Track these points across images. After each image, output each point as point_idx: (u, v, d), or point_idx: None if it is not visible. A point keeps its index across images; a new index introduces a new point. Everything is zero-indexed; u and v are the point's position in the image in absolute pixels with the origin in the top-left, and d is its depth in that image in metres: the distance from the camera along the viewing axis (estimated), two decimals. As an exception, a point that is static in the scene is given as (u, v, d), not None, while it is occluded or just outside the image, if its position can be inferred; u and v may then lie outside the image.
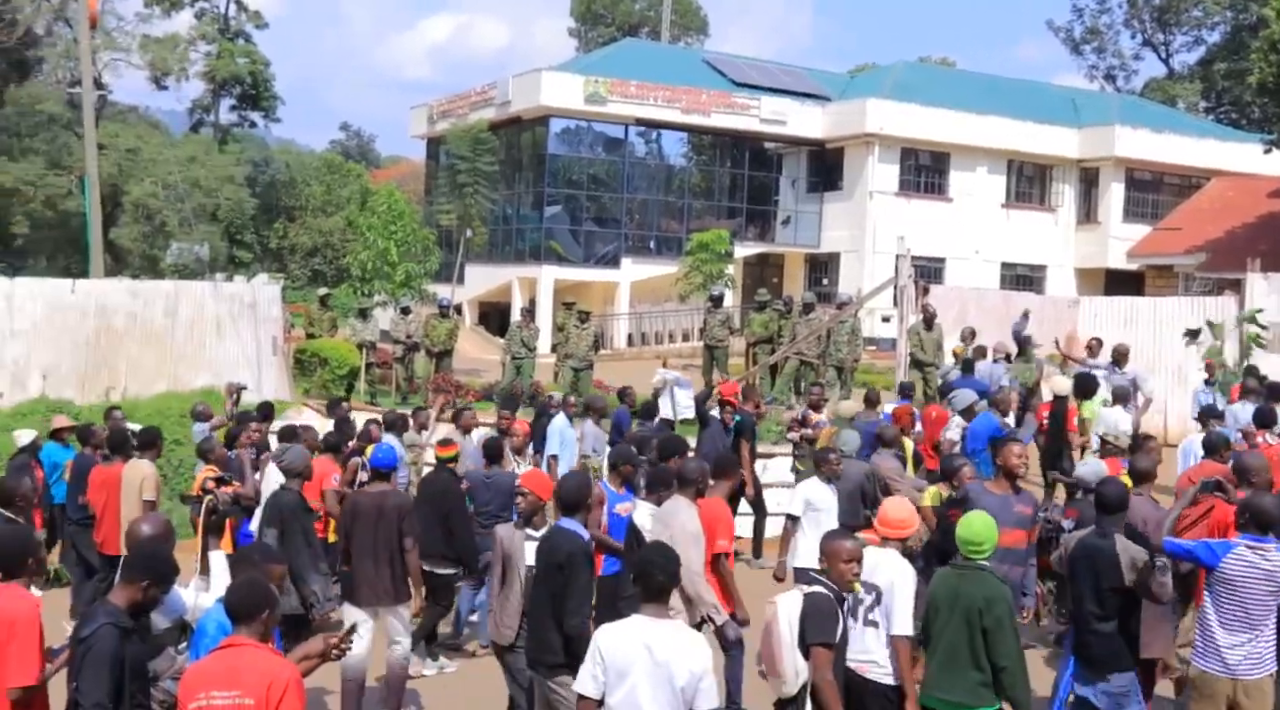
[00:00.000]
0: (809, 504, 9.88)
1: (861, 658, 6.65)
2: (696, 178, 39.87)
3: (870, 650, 6.69)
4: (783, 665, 6.08)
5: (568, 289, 32.05)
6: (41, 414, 17.29)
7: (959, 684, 6.40)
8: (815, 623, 6.01)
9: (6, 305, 18.00)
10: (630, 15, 64.89)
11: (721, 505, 8.53)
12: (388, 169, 62.89)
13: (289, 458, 9.09)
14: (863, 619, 6.74)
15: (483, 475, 11.07)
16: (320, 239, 43.18)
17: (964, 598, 6.39)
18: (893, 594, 6.66)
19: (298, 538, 8.71)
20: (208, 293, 19.66)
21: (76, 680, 5.02)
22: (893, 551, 6.88)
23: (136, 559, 5.57)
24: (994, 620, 6.30)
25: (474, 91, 37.26)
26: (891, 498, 8.01)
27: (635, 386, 16.61)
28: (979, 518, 6.73)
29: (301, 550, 8.67)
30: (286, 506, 8.83)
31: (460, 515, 10.13)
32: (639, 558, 5.73)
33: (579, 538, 7.13)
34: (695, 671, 5.22)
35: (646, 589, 5.41)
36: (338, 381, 20.42)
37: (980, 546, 6.52)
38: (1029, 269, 37.72)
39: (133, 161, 39.25)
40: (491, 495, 10.87)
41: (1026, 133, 36.97)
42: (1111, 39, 61.63)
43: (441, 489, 10.12)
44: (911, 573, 6.84)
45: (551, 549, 7.08)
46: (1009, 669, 6.30)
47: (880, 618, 6.70)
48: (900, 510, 7.08)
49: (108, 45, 40.56)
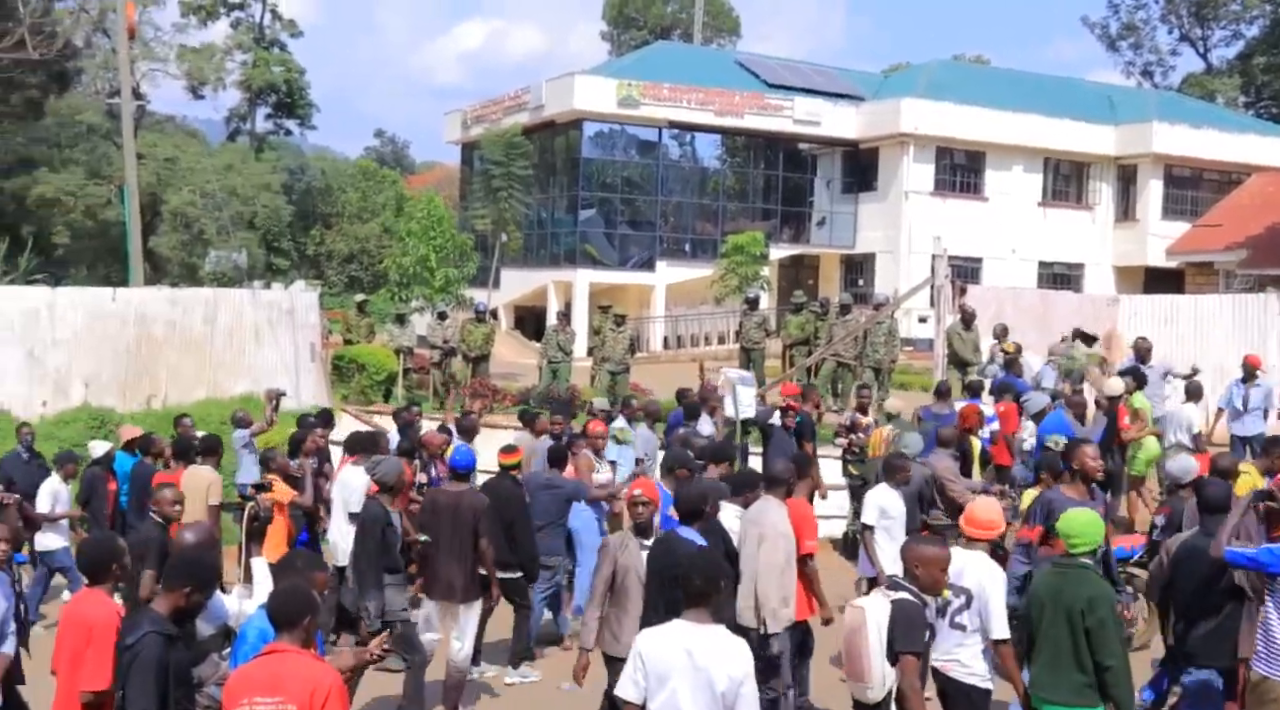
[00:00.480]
0: (883, 512, 9.69)
1: (945, 657, 6.69)
2: (730, 180, 39.80)
3: (954, 651, 6.73)
4: (871, 671, 6.08)
5: (603, 292, 32.06)
6: (84, 422, 17.49)
7: (1062, 685, 6.35)
8: (905, 631, 6.02)
9: (49, 314, 18.20)
10: (662, 18, 64.91)
11: (806, 506, 8.62)
12: (422, 175, 63.18)
13: (382, 469, 8.90)
14: (950, 620, 6.75)
15: (544, 480, 11.03)
16: (356, 245, 43.42)
17: (1066, 597, 6.33)
18: (985, 598, 6.68)
19: (370, 552, 8.59)
20: (246, 300, 19.81)
21: (123, 688, 5.05)
22: (980, 553, 6.88)
23: (178, 566, 5.61)
24: (1097, 620, 6.23)
25: (507, 96, 37.36)
26: (980, 498, 8.00)
27: (672, 390, 16.58)
28: (1082, 513, 6.70)
29: (371, 565, 8.56)
30: (370, 518, 8.74)
31: (524, 523, 10.08)
32: (680, 563, 5.72)
33: (695, 546, 7.07)
34: (735, 677, 5.20)
35: (687, 594, 5.40)
36: (375, 387, 20.53)
37: (1078, 541, 6.46)
38: (1066, 267, 37.42)
39: (171, 170, 39.60)
40: (550, 500, 10.78)
41: (1063, 130, 36.68)
42: (1148, 34, 61.11)
43: (505, 496, 10.00)
44: (1001, 574, 6.87)
45: (670, 558, 6.97)
46: (1113, 669, 6.23)
47: (968, 620, 6.72)
48: (988, 511, 7.10)
49: (145, 56, 40.99)
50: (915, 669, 5.99)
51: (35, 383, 18.03)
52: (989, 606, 6.66)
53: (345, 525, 10.26)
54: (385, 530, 8.58)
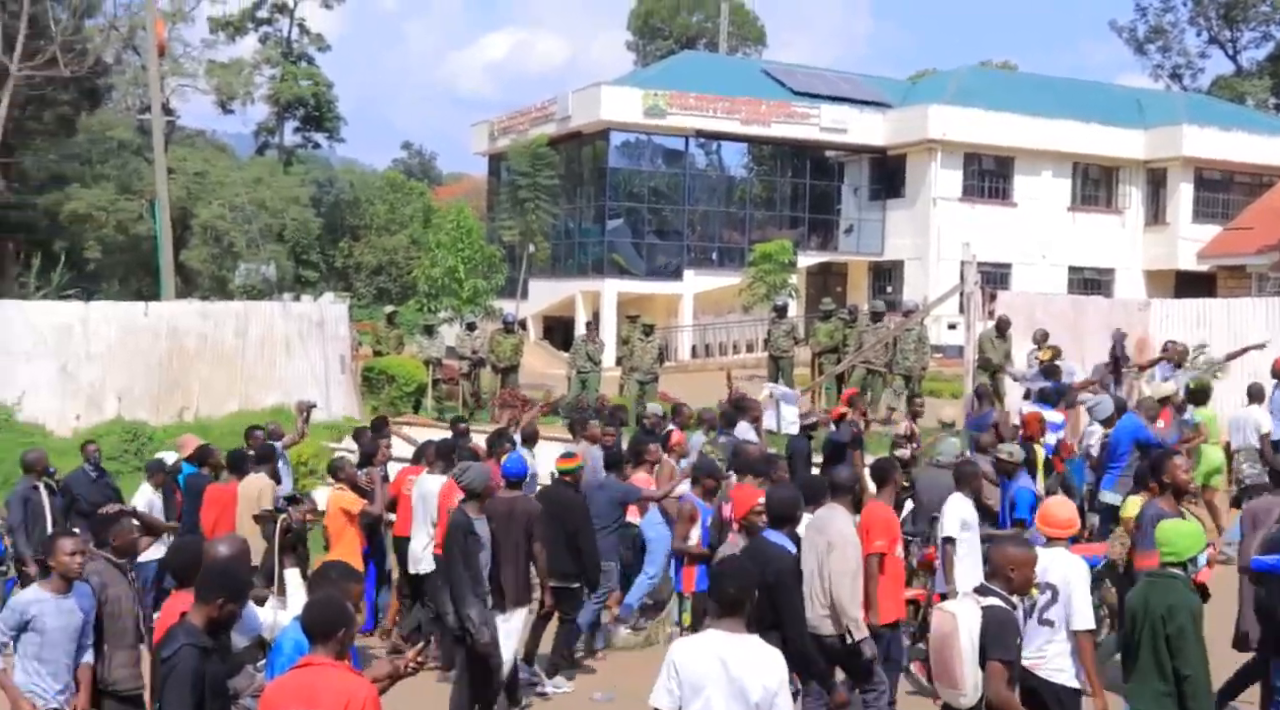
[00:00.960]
0: (965, 524, 9.40)
1: (1034, 655, 6.70)
2: (758, 188, 39.77)
3: (1044, 648, 6.75)
4: (963, 678, 6.07)
5: (631, 302, 32.07)
6: (117, 436, 17.61)
7: (1144, 693, 6.31)
8: (998, 638, 6.02)
9: (82, 329, 18.35)
10: (688, 27, 64.94)
11: (884, 508, 8.48)
12: (449, 186, 63.38)
13: (469, 477, 8.86)
14: (1038, 617, 6.80)
15: (598, 481, 11.01)
16: (384, 257, 43.61)
17: (1151, 606, 6.30)
18: (1069, 590, 6.76)
19: (458, 561, 8.59)
20: (276, 312, 19.91)
21: (159, 701, 5.07)
22: (1061, 549, 6.95)
23: (210, 578, 5.62)
24: (1176, 628, 6.16)
25: (534, 107, 37.46)
26: (1054, 498, 8.03)
27: (701, 398, 16.57)
28: (1181, 524, 6.73)
29: (461, 574, 8.55)
30: (454, 526, 8.73)
31: (588, 531, 10.03)
32: (715, 572, 5.70)
33: (788, 552, 7.08)
34: (770, 687, 5.19)
35: (721, 603, 5.38)
36: (405, 398, 20.59)
37: (1168, 550, 6.42)
38: (1097, 272, 37.18)
39: (201, 185, 39.89)
40: (605, 502, 10.76)
41: (1091, 135, 36.47)
42: (1176, 37, 60.67)
43: (566, 504, 9.94)
44: (1084, 568, 6.93)
45: (759, 562, 6.94)
46: (1191, 678, 6.16)
47: (1055, 616, 6.76)
48: (1064, 510, 7.17)
49: (175, 72, 41.32)
50: (1004, 676, 6.02)
51: (69, 397, 18.18)
52: (1073, 599, 6.74)
53: (426, 536, 10.40)
54: (467, 538, 8.60)
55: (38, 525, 11.64)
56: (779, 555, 7.01)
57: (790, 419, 15.12)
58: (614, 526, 10.82)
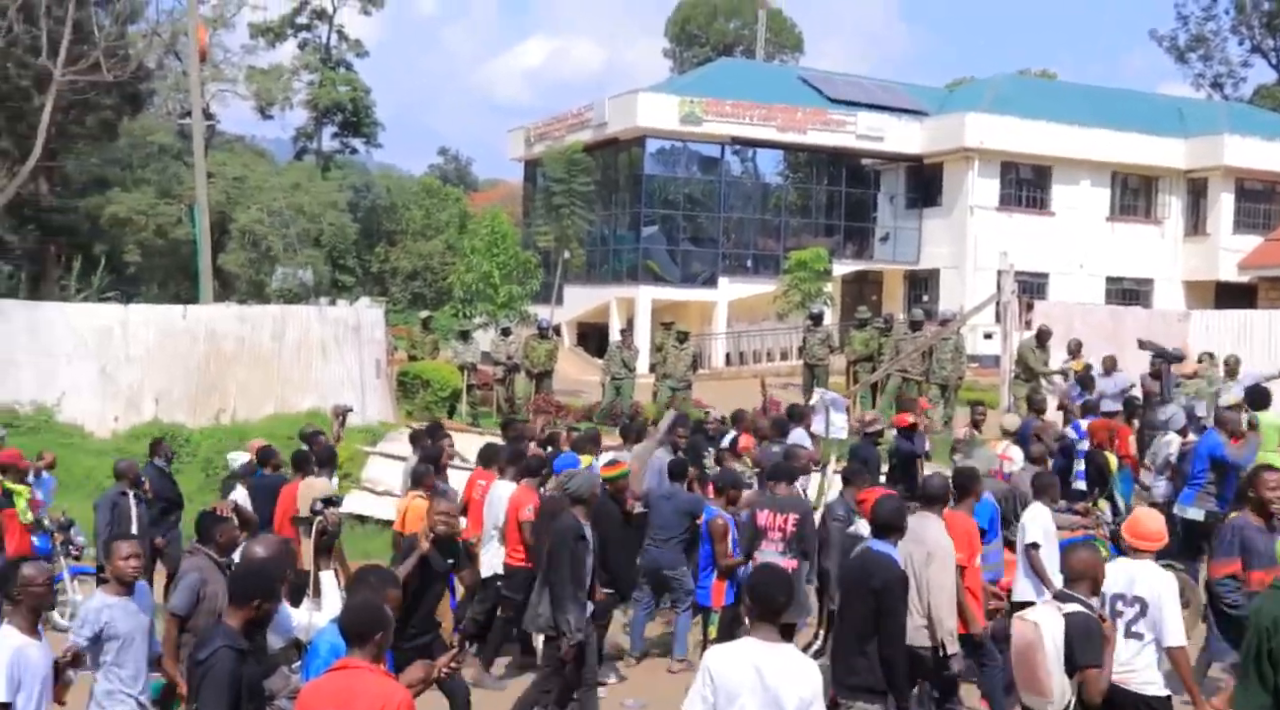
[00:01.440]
0: (1048, 533, 9.23)
1: (1123, 669, 6.63)
2: (793, 196, 39.68)
3: (1131, 661, 6.68)
4: (1051, 686, 6.10)
5: (665, 309, 32.06)
6: (155, 437, 17.73)
7: (1247, 703, 6.23)
8: (1084, 644, 6.06)
9: (121, 332, 18.53)
10: (725, 35, 64.94)
11: (965, 519, 8.44)
12: (485, 192, 63.59)
13: (576, 483, 8.90)
14: (1126, 630, 6.72)
15: (666, 490, 11.00)
16: (420, 262, 43.78)
17: (1262, 617, 6.20)
18: (1160, 606, 6.68)
19: (564, 565, 8.58)
20: (313, 316, 20.02)
21: (196, 702, 5.10)
22: (1149, 562, 6.88)
23: (244, 580, 5.64)
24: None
25: (570, 113, 37.54)
26: (1143, 509, 7.98)
27: (734, 406, 16.48)
28: None
29: (565, 577, 8.54)
30: (565, 530, 8.71)
31: (616, 540, 10.01)
32: (753, 580, 5.68)
33: (896, 562, 7.03)
34: (805, 697, 5.19)
35: (759, 610, 5.36)
36: (440, 403, 20.65)
37: None
38: (1135, 283, 36.89)
39: (239, 189, 40.16)
40: (671, 512, 10.72)
41: (1131, 144, 36.21)
42: (1218, 46, 60.15)
43: (601, 512, 9.76)
44: (1174, 582, 6.86)
45: (867, 572, 6.95)
46: None
47: (1144, 630, 6.70)
48: (1153, 522, 7.09)
49: (215, 77, 41.64)
50: (1100, 681, 6.04)
51: (108, 399, 18.36)
52: (1163, 614, 6.67)
53: (495, 541, 10.48)
54: (577, 544, 8.55)
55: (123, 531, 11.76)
56: (888, 565, 6.93)
57: (839, 424, 15.07)
58: (681, 536, 10.63)
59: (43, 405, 18.12)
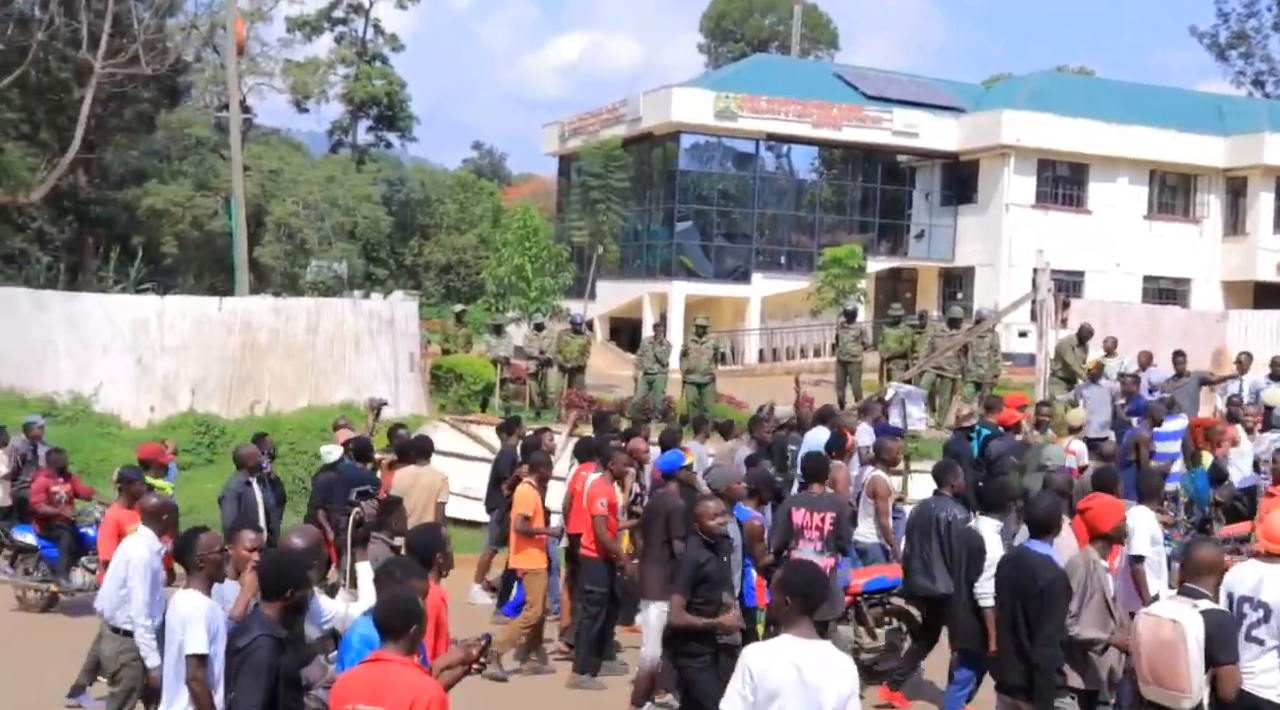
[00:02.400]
0: (1154, 540, 8.79)
1: (1241, 672, 6.55)
2: (827, 192, 39.56)
3: (1250, 664, 6.60)
4: (1191, 683, 6.15)
5: (698, 304, 32.04)
6: (190, 428, 17.89)
7: None
8: (1222, 642, 6.12)
9: (158, 322, 18.66)
10: (760, 30, 64.77)
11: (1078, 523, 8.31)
12: (519, 186, 63.72)
13: (714, 476, 8.91)
14: (1246, 634, 6.63)
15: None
16: (454, 256, 43.92)
17: None
18: None
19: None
20: (347, 309, 20.09)
21: (234, 689, 5.13)
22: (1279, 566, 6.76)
23: (272, 570, 5.65)
24: None
25: (605, 108, 37.54)
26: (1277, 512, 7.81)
27: (762, 401, 16.41)
28: None
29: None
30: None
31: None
32: (788, 576, 5.64)
33: (1056, 563, 6.96)
34: (844, 694, 5.17)
35: (796, 606, 5.32)
36: (473, 397, 20.68)
37: None
38: (1173, 282, 36.56)
39: (275, 182, 40.41)
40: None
41: (1169, 142, 35.86)
42: (1259, 43, 59.43)
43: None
44: None
45: (1028, 572, 6.90)
46: None
47: (1266, 635, 6.60)
48: None
49: (252, 70, 41.90)
50: (1235, 677, 6.10)
51: (144, 389, 18.50)
52: None
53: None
54: (719, 542, 8.34)
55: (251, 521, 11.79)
56: (1049, 565, 6.86)
57: (916, 417, 15.05)
58: None
59: (80, 395, 18.28)
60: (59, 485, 13.33)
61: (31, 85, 34.66)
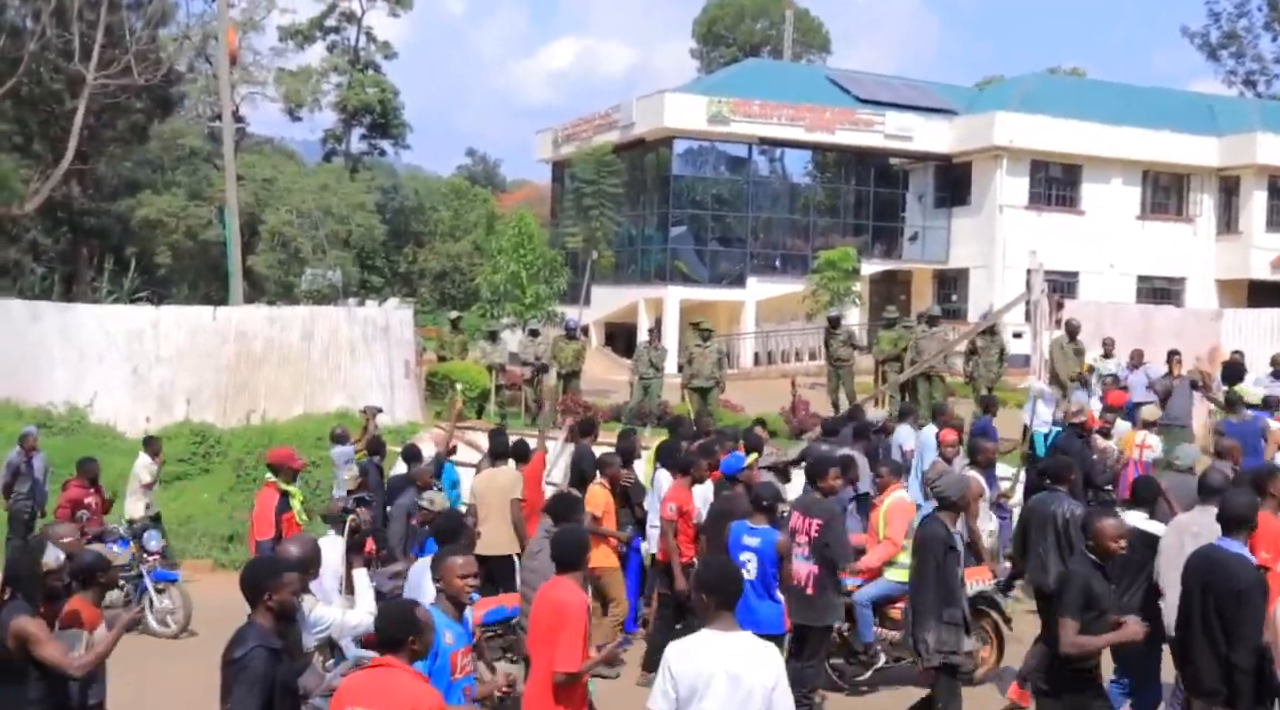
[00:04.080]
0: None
1: None
2: (821, 195, 39.57)
3: None
4: None
5: (693, 309, 32.04)
6: (186, 437, 17.87)
7: None
8: None
9: (153, 332, 18.65)
10: (752, 35, 64.84)
11: (1272, 519, 7.90)
12: (513, 193, 63.74)
13: (943, 484, 8.33)
14: None
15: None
16: (448, 263, 43.94)
17: None
18: None
19: (930, 575, 7.99)
20: (342, 317, 20.08)
21: (229, 700, 5.12)
22: None
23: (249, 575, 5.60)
24: None
25: (598, 114, 37.56)
26: None
27: (763, 407, 16.47)
28: None
29: (929, 588, 7.95)
30: (931, 538, 8.05)
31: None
32: (703, 572, 5.67)
33: (1252, 564, 6.76)
34: (767, 685, 5.17)
35: (713, 601, 5.33)
36: (468, 404, 20.67)
37: None
38: (1166, 282, 36.63)
39: (269, 191, 40.40)
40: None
41: (1162, 142, 35.95)
42: (1250, 43, 59.65)
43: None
44: None
45: (1223, 573, 6.66)
46: None
47: None
48: None
49: (245, 80, 41.93)
50: None
51: (139, 399, 18.50)
52: None
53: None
54: (947, 555, 7.94)
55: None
56: (1247, 566, 6.67)
57: (1044, 418, 15.06)
58: None
59: (75, 405, 18.27)
60: (91, 496, 13.13)
61: (24, 96, 34.67)
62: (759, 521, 8.79)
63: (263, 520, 10.68)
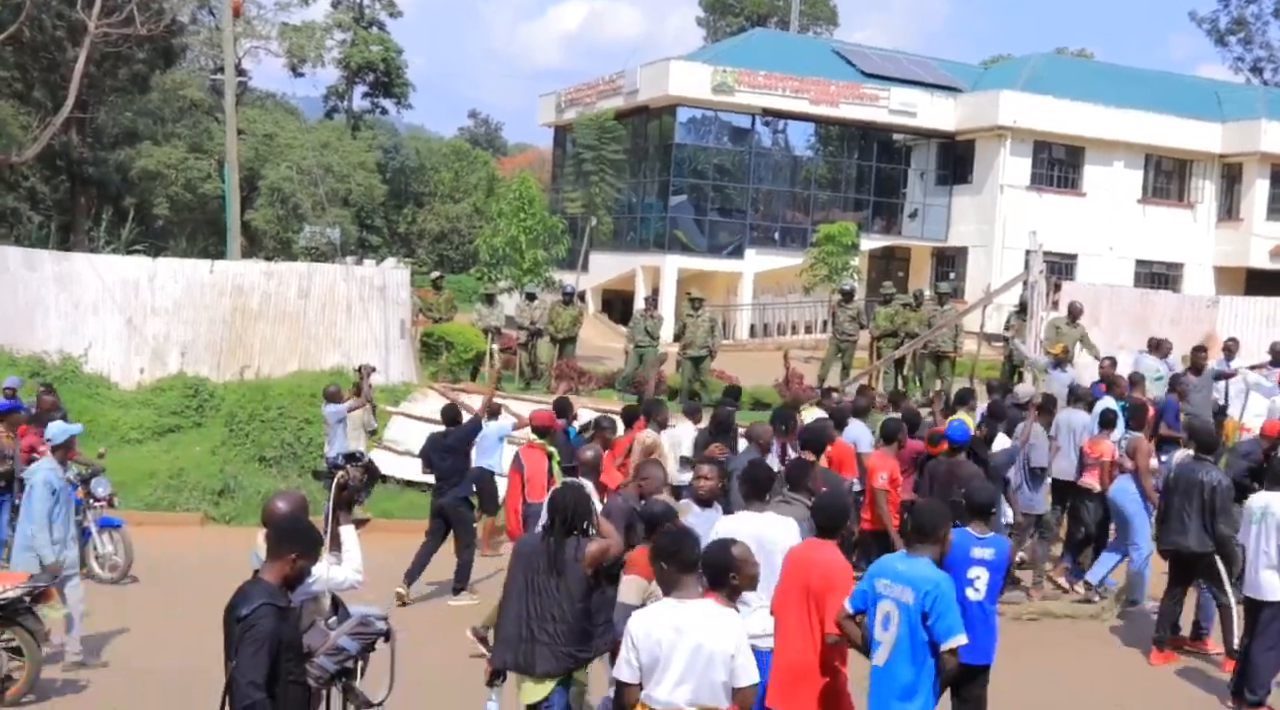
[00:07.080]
0: None
1: None
2: (823, 169, 39.47)
3: None
4: None
5: (691, 279, 32.00)
6: (179, 390, 17.85)
7: None
8: None
9: (149, 284, 18.60)
10: (759, 5, 64.51)
11: None
12: (514, 157, 63.54)
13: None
14: None
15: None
16: (447, 225, 43.86)
17: None
18: None
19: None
20: (339, 275, 20.01)
21: (235, 658, 5.09)
22: None
23: (281, 533, 5.58)
24: None
25: (602, 80, 37.39)
26: None
27: (757, 378, 16.44)
28: None
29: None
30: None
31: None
32: (658, 543, 5.68)
33: None
34: (728, 650, 5.24)
35: (673, 570, 5.41)
36: (463, 365, 20.70)
37: None
38: (1165, 267, 36.62)
39: (269, 146, 40.25)
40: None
41: (1166, 126, 35.85)
42: (1259, 29, 59.46)
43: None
44: None
45: None
46: None
47: None
48: None
49: (248, 33, 41.61)
50: None
51: (134, 350, 18.47)
52: None
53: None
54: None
55: None
56: None
57: (1256, 411, 15.24)
58: None
59: (69, 355, 18.23)
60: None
61: (25, 43, 34.43)
62: (980, 528, 7.45)
63: (536, 483, 10.68)
